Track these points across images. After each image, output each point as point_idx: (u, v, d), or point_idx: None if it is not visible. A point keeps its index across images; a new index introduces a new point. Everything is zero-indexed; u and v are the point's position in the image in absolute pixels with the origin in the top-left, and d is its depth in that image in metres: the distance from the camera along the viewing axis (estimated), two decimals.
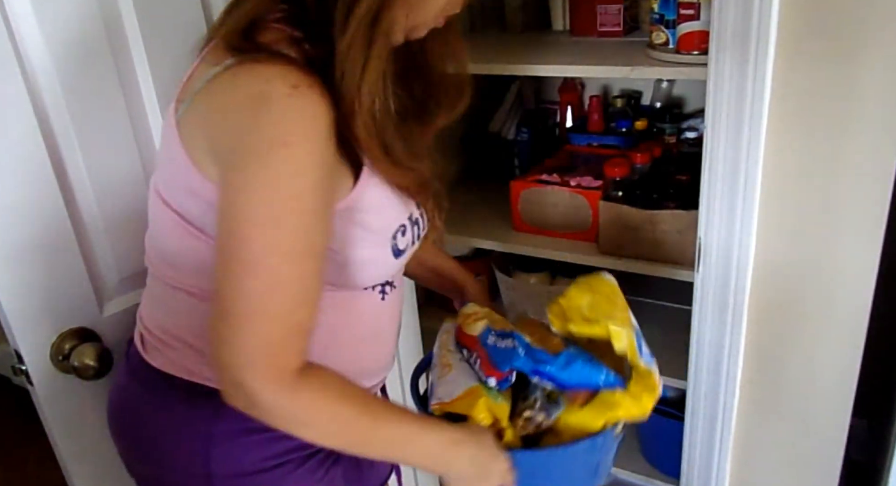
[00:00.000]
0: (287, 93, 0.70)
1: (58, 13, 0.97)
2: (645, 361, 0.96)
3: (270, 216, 0.71)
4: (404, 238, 0.89)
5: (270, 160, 0.70)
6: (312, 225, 0.73)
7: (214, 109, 0.76)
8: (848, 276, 1.20)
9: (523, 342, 0.96)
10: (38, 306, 1.00)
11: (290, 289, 0.73)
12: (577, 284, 1.05)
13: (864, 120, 1.10)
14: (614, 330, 0.95)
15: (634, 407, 0.93)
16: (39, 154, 0.97)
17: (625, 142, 1.69)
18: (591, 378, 0.93)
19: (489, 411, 0.93)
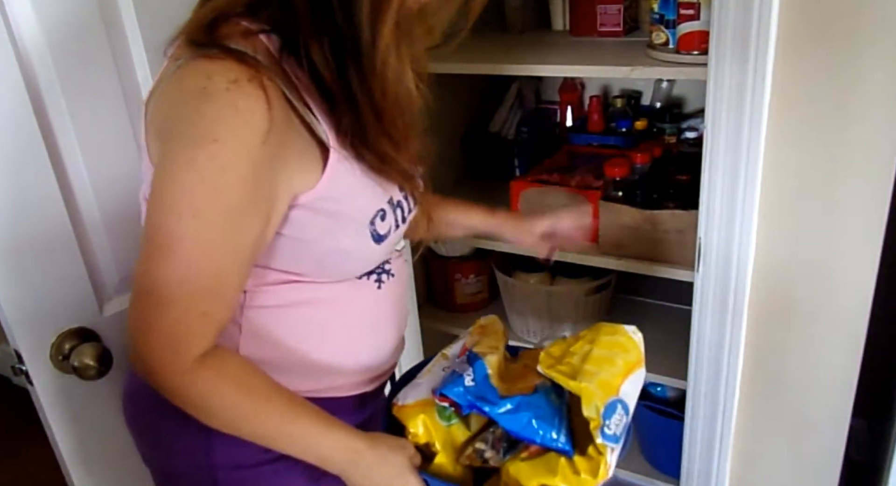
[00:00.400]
0: (225, 88, 0.71)
1: (56, 10, 0.97)
2: (604, 438, 0.86)
3: (190, 207, 0.72)
4: (384, 223, 0.87)
5: (197, 154, 0.72)
6: (235, 221, 0.74)
7: (162, 106, 0.78)
8: (848, 276, 1.20)
9: (481, 373, 0.90)
10: (38, 306, 1.00)
11: (199, 280, 0.74)
12: (592, 328, 0.98)
13: (864, 120, 1.10)
14: (586, 392, 0.86)
15: (572, 482, 0.85)
16: (39, 154, 0.97)
17: (625, 142, 1.69)
18: (535, 435, 0.87)
19: (425, 429, 0.88)
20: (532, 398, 0.89)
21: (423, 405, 0.90)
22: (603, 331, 0.96)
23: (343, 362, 0.93)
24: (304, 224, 0.82)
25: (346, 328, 0.92)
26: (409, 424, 0.89)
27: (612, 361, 0.91)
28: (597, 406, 0.86)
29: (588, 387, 0.86)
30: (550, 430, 0.87)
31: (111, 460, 1.11)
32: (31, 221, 0.97)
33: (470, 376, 0.89)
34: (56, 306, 1.02)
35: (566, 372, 0.89)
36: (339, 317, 0.91)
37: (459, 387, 0.88)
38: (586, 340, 0.94)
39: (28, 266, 0.98)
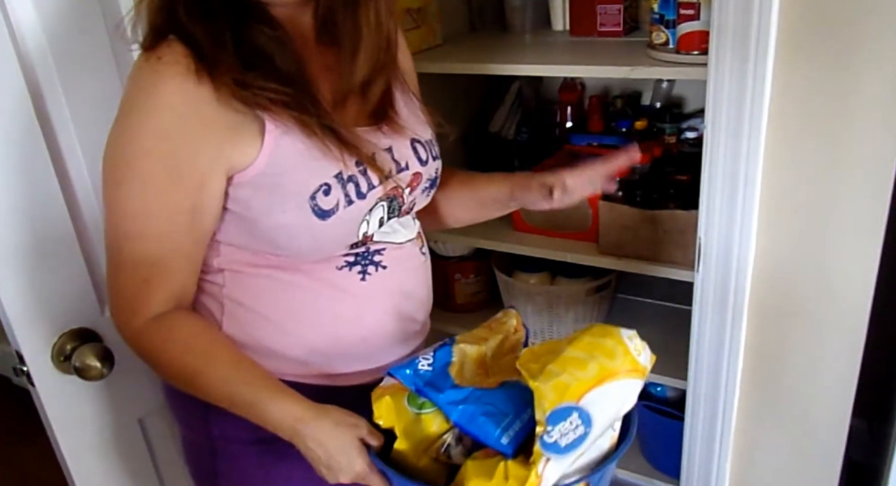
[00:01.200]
0: (145, 66, 0.80)
1: (57, 11, 0.97)
2: (542, 445, 0.77)
3: (113, 176, 0.81)
4: (328, 198, 0.85)
5: (116, 127, 0.81)
6: (155, 191, 0.81)
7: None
8: (848, 276, 1.20)
9: (441, 361, 0.87)
10: (40, 306, 1.00)
11: (136, 248, 0.82)
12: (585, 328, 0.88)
13: (865, 120, 1.10)
14: (538, 391, 0.77)
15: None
16: (41, 155, 0.97)
17: (625, 142, 1.69)
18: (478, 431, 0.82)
19: (388, 412, 0.85)
20: (489, 393, 0.83)
21: (394, 390, 0.87)
22: (591, 332, 0.86)
23: (328, 349, 0.94)
24: (248, 200, 0.85)
25: (327, 316, 0.93)
26: (374, 405, 0.86)
27: (584, 364, 0.81)
28: (544, 409, 0.77)
29: (539, 387, 0.78)
30: (494, 428, 0.80)
31: (111, 460, 1.11)
32: (32, 222, 0.98)
33: (428, 361, 0.86)
34: (57, 307, 1.02)
35: (532, 370, 0.80)
36: (318, 304, 0.92)
37: (408, 369, 0.85)
38: (567, 339, 0.85)
39: (30, 267, 0.98)
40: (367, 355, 0.99)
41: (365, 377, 0.97)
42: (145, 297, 0.84)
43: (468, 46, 1.72)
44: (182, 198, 0.82)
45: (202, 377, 0.87)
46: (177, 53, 0.79)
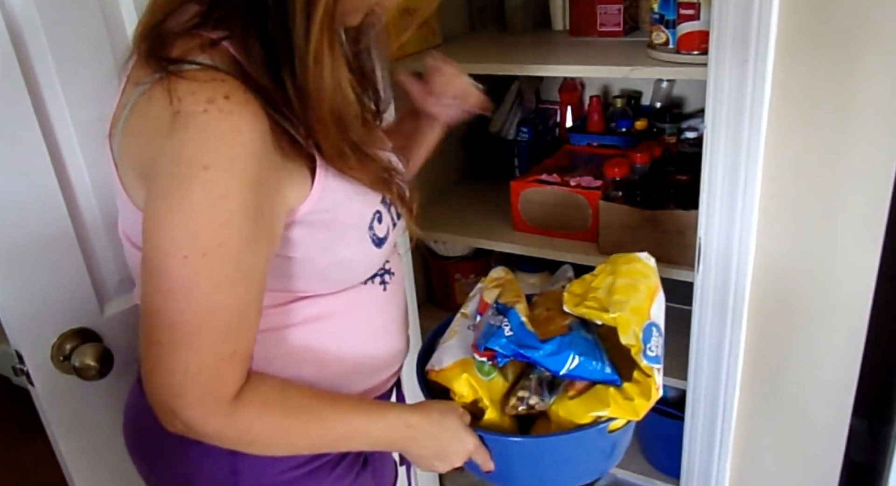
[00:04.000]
0: (201, 110, 0.65)
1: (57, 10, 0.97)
2: (648, 360, 0.88)
3: (196, 247, 0.67)
4: (382, 225, 0.85)
5: (192, 187, 0.66)
6: (243, 249, 0.69)
7: (138, 138, 0.72)
8: (848, 276, 1.20)
9: (516, 321, 0.90)
10: (39, 306, 1.00)
11: (220, 319, 0.69)
12: (608, 261, 1.00)
13: (864, 120, 1.10)
14: (622, 321, 0.88)
15: (626, 409, 0.88)
16: (40, 154, 0.97)
17: (625, 142, 1.69)
18: (582, 371, 0.88)
19: (471, 387, 0.90)
20: (570, 337, 0.90)
21: (463, 365, 0.92)
22: (620, 261, 0.98)
23: (359, 368, 0.92)
24: (303, 241, 0.78)
25: (358, 335, 0.90)
26: (454, 385, 0.90)
27: (637, 287, 0.93)
28: (635, 332, 0.88)
29: (622, 316, 0.88)
30: (596, 363, 0.88)
31: (111, 460, 1.11)
32: (32, 222, 0.97)
33: (508, 326, 0.89)
34: (57, 307, 1.02)
35: (596, 307, 0.91)
36: (350, 326, 0.89)
37: (501, 338, 0.88)
38: (606, 272, 0.97)
39: (29, 266, 0.98)
40: (390, 364, 0.98)
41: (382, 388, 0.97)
42: (231, 372, 0.72)
43: (468, 46, 1.72)
44: (263, 251, 0.73)
45: (310, 431, 0.80)
46: (236, 89, 0.67)
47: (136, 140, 0.72)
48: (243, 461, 0.84)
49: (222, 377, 0.71)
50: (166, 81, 0.67)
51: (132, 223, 0.77)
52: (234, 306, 0.70)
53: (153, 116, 0.68)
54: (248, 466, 0.84)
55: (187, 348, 0.69)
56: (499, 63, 1.48)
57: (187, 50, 0.69)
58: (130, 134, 0.73)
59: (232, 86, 0.67)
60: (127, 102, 0.73)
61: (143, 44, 0.72)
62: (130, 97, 0.72)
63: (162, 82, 0.67)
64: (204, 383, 0.70)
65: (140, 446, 0.94)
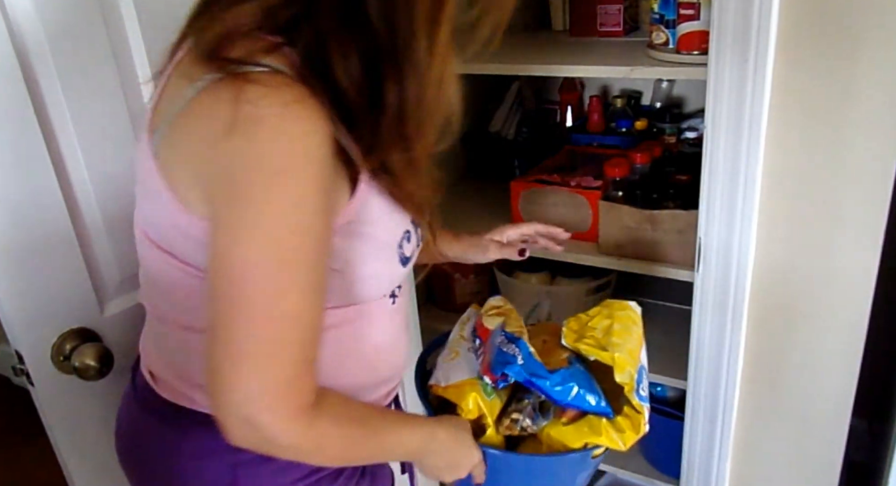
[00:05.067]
0: (277, 112, 0.64)
1: (56, 9, 0.97)
2: (639, 399, 0.98)
3: (280, 256, 0.66)
4: (409, 244, 0.85)
5: (272, 192, 0.65)
6: (319, 254, 0.69)
7: (197, 137, 0.70)
8: (848, 276, 1.20)
9: (525, 351, 0.98)
10: (39, 306, 1.00)
11: (302, 326, 0.69)
12: (603, 305, 1.09)
13: (864, 120, 1.10)
14: (619, 361, 0.98)
15: (615, 440, 0.97)
16: (40, 154, 0.97)
17: (625, 142, 1.69)
18: (582, 401, 0.97)
19: (477, 405, 0.97)
20: (572, 370, 0.99)
21: (470, 384, 1.00)
22: (615, 307, 1.08)
23: (365, 381, 0.91)
24: (338, 253, 0.77)
25: (367, 348, 0.89)
26: (462, 402, 0.98)
27: (630, 333, 1.04)
28: (630, 373, 0.98)
29: (620, 357, 0.98)
30: (594, 397, 0.98)
31: (111, 460, 1.11)
32: (32, 222, 0.97)
33: (520, 355, 0.98)
34: (57, 307, 1.02)
35: (594, 345, 1.01)
36: (360, 339, 0.88)
37: (515, 366, 0.96)
38: (603, 315, 1.07)
39: (29, 266, 0.98)
40: (393, 377, 0.97)
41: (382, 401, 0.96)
42: (308, 383, 0.71)
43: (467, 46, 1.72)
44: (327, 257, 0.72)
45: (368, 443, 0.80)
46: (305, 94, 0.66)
47: (196, 139, 0.70)
48: (243, 477, 0.83)
49: (304, 386, 0.70)
50: (233, 82, 0.65)
51: (162, 221, 0.76)
52: (312, 313, 0.70)
53: (220, 117, 0.65)
54: (249, 480, 0.84)
55: (275, 358, 0.67)
56: (499, 63, 1.48)
57: (250, 52, 0.67)
58: (187, 132, 0.70)
59: (301, 91, 0.66)
60: (178, 98, 0.71)
61: (203, 41, 0.70)
62: (183, 93, 0.70)
63: (227, 83, 0.66)
64: (290, 393, 0.69)
65: (135, 457, 0.93)
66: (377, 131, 0.72)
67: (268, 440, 0.70)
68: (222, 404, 0.67)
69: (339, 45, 0.68)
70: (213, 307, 0.67)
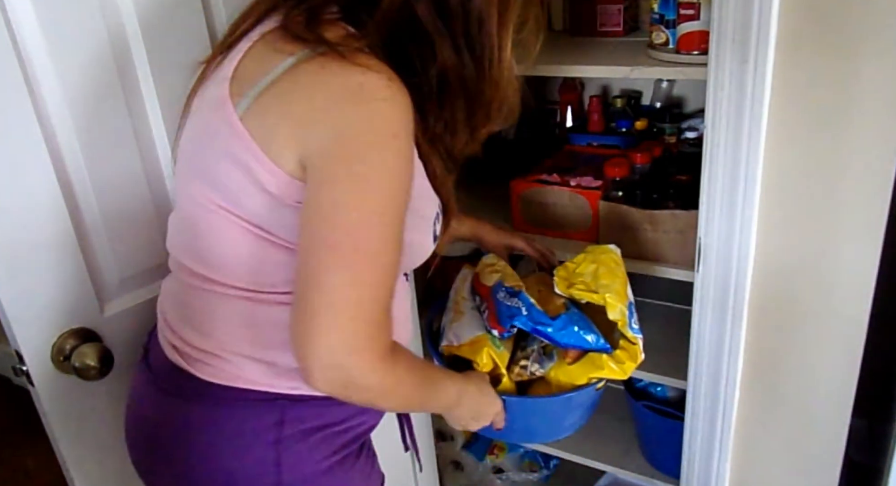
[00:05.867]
0: (385, 85, 0.73)
1: (60, 14, 0.97)
2: (633, 331, 1.08)
3: (391, 207, 0.74)
4: (439, 224, 0.92)
5: (386, 153, 0.73)
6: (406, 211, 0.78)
7: (305, 103, 0.75)
8: (848, 276, 1.21)
9: (527, 303, 1.08)
10: (39, 306, 1.00)
11: (393, 277, 0.76)
12: (587, 252, 1.18)
13: (865, 120, 1.10)
14: (610, 301, 1.08)
15: (617, 371, 1.08)
16: (41, 154, 0.97)
17: (625, 142, 1.69)
18: (583, 341, 1.07)
19: (491, 358, 1.07)
20: (570, 315, 1.09)
21: (478, 341, 1.09)
22: (598, 251, 1.17)
23: None
24: None
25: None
26: (477, 357, 1.07)
27: (616, 274, 1.13)
28: (621, 309, 1.08)
29: (611, 296, 1.08)
30: (593, 336, 1.08)
31: (111, 459, 1.11)
32: (32, 222, 0.97)
33: (523, 307, 1.08)
34: (57, 307, 1.02)
35: (585, 289, 1.10)
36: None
37: (522, 317, 1.07)
38: (588, 260, 1.15)
39: (29, 266, 0.98)
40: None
41: None
42: (389, 327, 0.78)
43: None
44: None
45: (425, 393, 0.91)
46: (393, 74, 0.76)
47: (300, 105, 0.75)
48: (287, 450, 0.86)
49: (386, 328, 0.77)
50: (336, 56, 0.74)
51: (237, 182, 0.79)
52: (399, 265, 0.77)
53: (332, 84, 0.74)
54: (292, 454, 0.86)
55: (371, 304, 0.74)
56: None
57: (341, 37, 0.77)
58: (287, 100, 0.76)
59: (391, 72, 0.75)
60: (270, 68, 0.77)
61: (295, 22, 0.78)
62: (277, 64, 0.76)
63: (330, 57, 0.74)
64: (378, 336, 0.76)
65: (157, 445, 0.92)
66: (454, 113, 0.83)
67: (353, 381, 0.75)
68: (312, 349, 0.73)
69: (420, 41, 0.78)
70: (313, 257, 0.73)
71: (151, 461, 0.95)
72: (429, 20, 0.77)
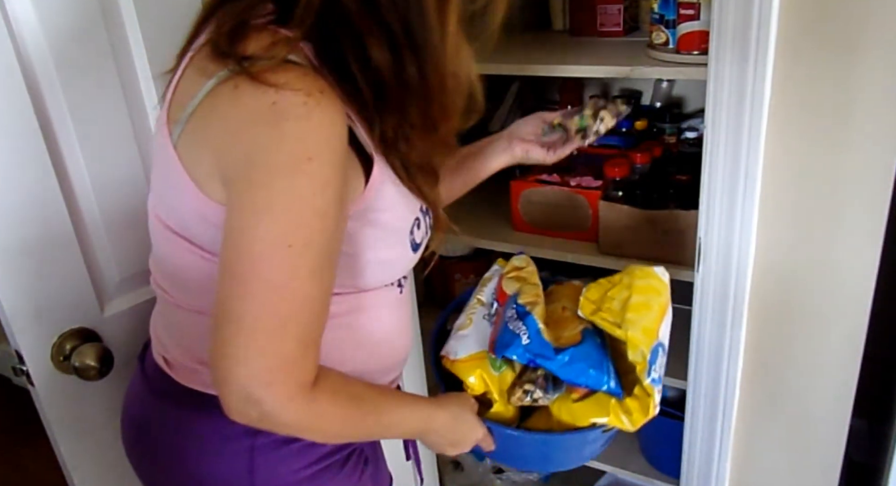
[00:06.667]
0: (301, 102, 0.67)
1: (57, 11, 0.97)
2: (650, 380, 0.95)
3: (299, 236, 0.68)
4: (419, 231, 0.88)
5: (297, 178, 0.68)
6: (333, 238, 0.72)
7: (220, 127, 0.72)
8: (848, 276, 1.20)
9: (533, 330, 0.95)
10: (39, 306, 1.00)
11: (312, 307, 0.71)
12: (625, 272, 1.06)
13: (865, 120, 1.10)
14: (632, 339, 0.95)
15: (624, 420, 0.96)
16: (39, 154, 0.97)
17: (625, 142, 1.69)
18: (589, 381, 0.95)
19: (482, 381, 0.98)
20: (582, 348, 0.95)
21: (476, 359, 0.99)
22: (637, 275, 1.03)
23: (373, 368, 0.93)
24: (351, 237, 0.79)
25: (377, 336, 0.91)
26: (467, 378, 0.98)
27: (650, 306, 0.99)
28: (643, 353, 0.95)
29: (633, 335, 0.95)
30: (603, 376, 0.95)
31: (111, 460, 1.11)
32: (32, 222, 0.98)
33: (525, 334, 0.95)
34: (57, 307, 1.02)
35: (610, 320, 0.98)
36: (369, 326, 0.90)
37: (519, 348, 0.94)
38: (623, 285, 1.02)
39: (29, 266, 0.98)
40: (397, 365, 0.99)
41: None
42: (311, 362, 0.73)
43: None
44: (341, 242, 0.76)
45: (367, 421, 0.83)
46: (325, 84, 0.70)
47: (217, 129, 0.72)
48: (260, 460, 0.85)
49: (306, 364, 0.72)
50: (253, 74, 0.68)
51: (183, 208, 0.78)
52: (321, 294, 0.72)
53: (242, 108, 0.69)
54: (264, 465, 0.85)
55: (281, 337, 0.69)
56: (499, 63, 1.48)
57: (268, 45, 0.70)
58: (207, 123, 0.73)
59: (320, 82, 0.70)
60: (197, 91, 0.73)
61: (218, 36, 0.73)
62: (201, 87, 0.73)
63: (246, 76, 0.69)
64: (291, 371, 0.71)
65: (146, 445, 0.94)
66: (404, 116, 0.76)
67: (267, 416, 0.71)
68: (226, 379, 0.70)
69: (353, 39, 0.71)
70: (224, 285, 0.70)
71: (137, 457, 0.96)
72: (357, 14, 0.71)
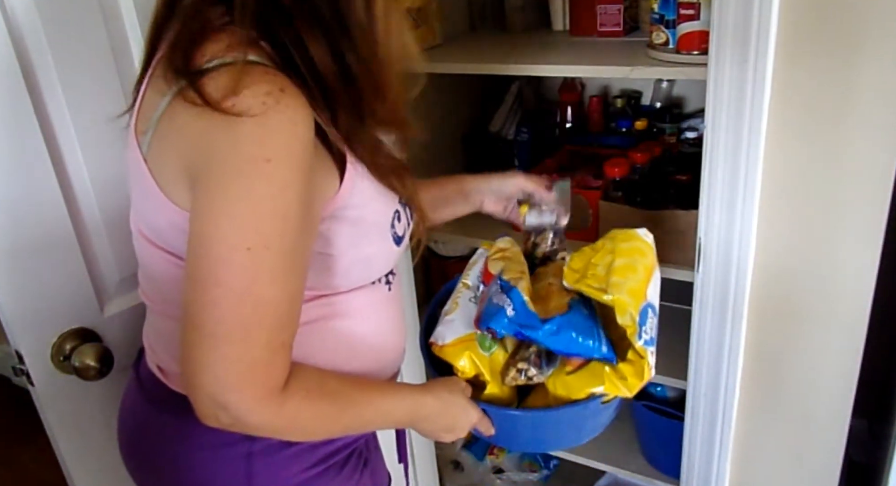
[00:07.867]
0: (259, 103, 0.66)
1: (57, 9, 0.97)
2: (642, 342, 0.92)
3: (259, 239, 0.67)
4: (401, 224, 0.87)
5: (254, 180, 0.66)
6: (297, 241, 0.71)
7: (181, 135, 0.71)
8: (848, 276, 1.20)
9: (518, 302, 0.93)
10: (39, 306, 1.00)
11: (276, 311, 0.70)
12: (607, 237, 1.02)
13: (865, 120, 1.10)
14: (619, 303, 0.92)
15: (619, 387, 0.92)
16: (40, 155, 0.97)
17: (625, 142, 1.69)
18: (580, 349, 0.91)
19: (472, 363, 0.95)
20: (569, 316, 0.92)
21: (465, 341, 0.96)
22: (619, 238, 1.00)
23: (370, 368, 0.93)
24: (331, 237, 0.79)
25: (370, 335, 0.91)
26: (457, 362, 0.95)
27: (634, 268, 0.96)
28: (631, 314, 0.92)
29: (619, 298, 0.91)
30: (593, 342, 0.91)
31: (111, 460, 1.11)
32: (32, 222, 0.98)
33: (510, 306, 0.92)
34: (57, 307, 1.02)
35: (594, 286, 0.94)
36: (360, 326, 0.90)
37: (503, 319, 0.91)
38: (606, 250, 0.99)
39: (29, 267, 0.98)
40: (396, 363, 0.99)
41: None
42: (280, 365, 0.72)
43: (468, 46, 1.72)
44: (310, 243, 0.75)
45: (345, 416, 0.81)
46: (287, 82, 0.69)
47: (178, 137, 0.72)
48: (258, 465, 0.84)
49: (274, 368, 0.71)
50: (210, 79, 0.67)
51: (157, 219, 0.78)
52: (287, 298, 0.71)
53: (200, 114, 0.68)
54: (263, 469, 0.85)
55: (244, 341, 0.68)
56: (499, 63, 1.48)
57: (229, 47, 0.69)
58: (169, 132, 0.72)
59: (282, 80, 0.68)
60: (159, 101, 0.73)
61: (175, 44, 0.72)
62: (162, 96, 0.73)
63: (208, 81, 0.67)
64: (258, 375, 0.70)
65: (143, 453, 0.93)
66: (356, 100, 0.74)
67: (237, 421, 0.71)
68: (193, 385, 0.69)
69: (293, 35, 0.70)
70: (187, 290, 0.69)
71: (134, 465, 0.96)
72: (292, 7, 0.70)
